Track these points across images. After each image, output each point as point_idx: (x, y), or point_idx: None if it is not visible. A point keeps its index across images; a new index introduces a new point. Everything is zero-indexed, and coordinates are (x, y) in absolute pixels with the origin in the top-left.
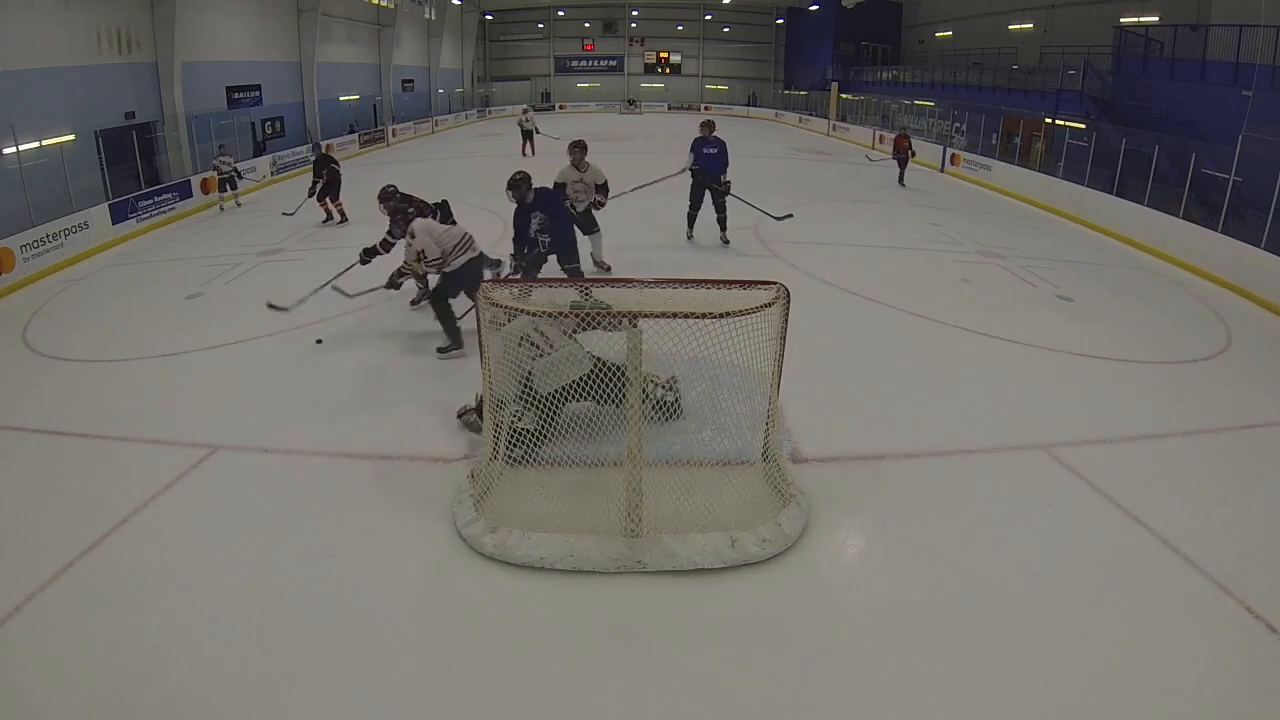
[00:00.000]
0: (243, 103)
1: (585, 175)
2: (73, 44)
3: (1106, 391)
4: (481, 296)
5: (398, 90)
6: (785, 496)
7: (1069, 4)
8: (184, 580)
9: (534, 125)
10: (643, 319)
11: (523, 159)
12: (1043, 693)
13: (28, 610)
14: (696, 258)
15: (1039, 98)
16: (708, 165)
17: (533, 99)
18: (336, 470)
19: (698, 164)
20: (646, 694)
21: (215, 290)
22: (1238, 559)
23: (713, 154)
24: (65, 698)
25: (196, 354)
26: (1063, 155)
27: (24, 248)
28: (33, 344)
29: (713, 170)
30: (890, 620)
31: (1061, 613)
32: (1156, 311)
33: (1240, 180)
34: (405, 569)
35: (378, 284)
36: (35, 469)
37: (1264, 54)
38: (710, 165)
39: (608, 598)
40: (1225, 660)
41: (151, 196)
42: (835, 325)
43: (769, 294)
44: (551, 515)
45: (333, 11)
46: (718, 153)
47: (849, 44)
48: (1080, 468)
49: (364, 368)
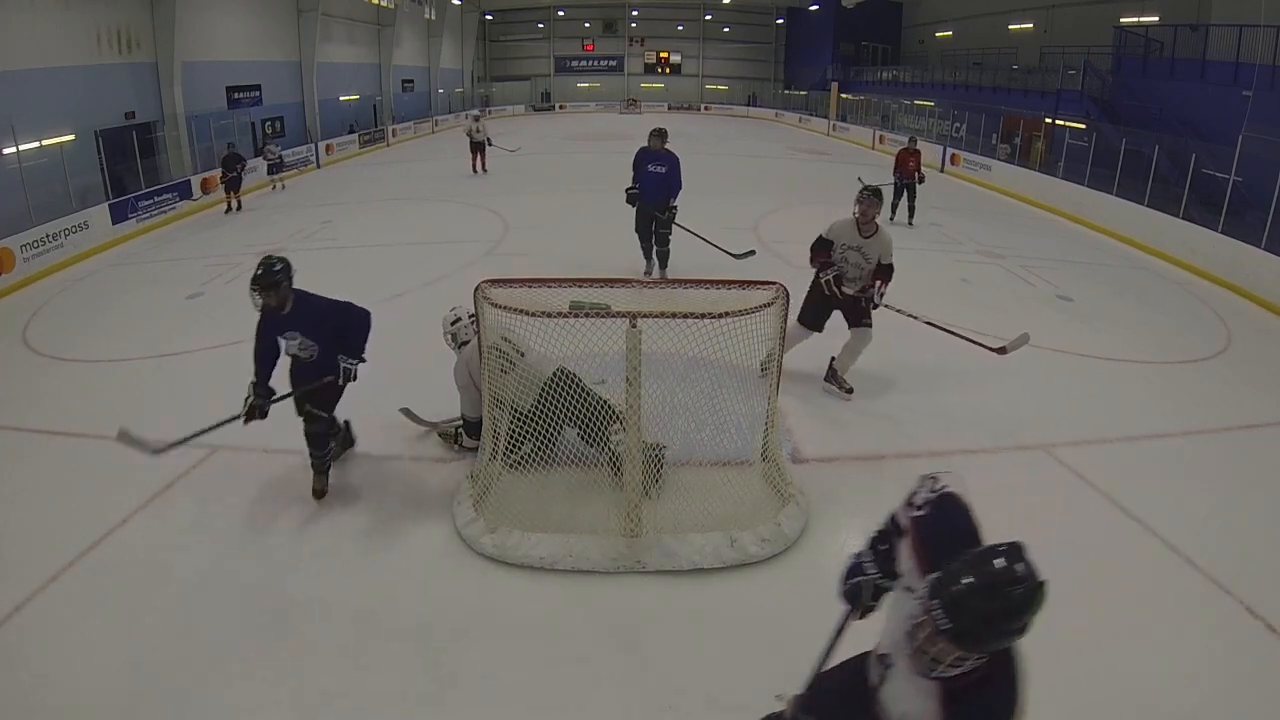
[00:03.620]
0: (243, 103)
1: (867, 244)
2: (73, 44)
3: (1106, 391)
4: (480, 296)
5: (398, 90)
6: (785, 496)
7: (1069, 4)
8: (184, 580)
9: (485, 136)
10: (642, 319)
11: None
12: (1043, 693)
13: (28, 610)
14: (696, 257)
15: (1039, 98)
16: (647, 189)
17: (533, 99)
18: (336, 470)
19: (637, 184)
20: (646, 694)
21: (215, 290)
22: (1238, 559)
23: (658, 174)
24: (65, 698)
25: (196, 354)
26: (1063, 155)
27: (24, 248)
28: (33, 344)
29: (654, 195)
30: None
31: (1061, 613)
32: (1156, 311)
33: (1240, 180)
34: (405, 569)
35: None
36: (35, 469)
37: (1264, 54)
38: (650, 189)
39: (607, 598)
40: (1225, 660)
41: (151, 196)
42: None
43: (768, 294)
44: (551, 515)
45: (333, 11)
46: (665, 173)
47: (849, 44)
48: (1080, 468)
49: (364, 367)
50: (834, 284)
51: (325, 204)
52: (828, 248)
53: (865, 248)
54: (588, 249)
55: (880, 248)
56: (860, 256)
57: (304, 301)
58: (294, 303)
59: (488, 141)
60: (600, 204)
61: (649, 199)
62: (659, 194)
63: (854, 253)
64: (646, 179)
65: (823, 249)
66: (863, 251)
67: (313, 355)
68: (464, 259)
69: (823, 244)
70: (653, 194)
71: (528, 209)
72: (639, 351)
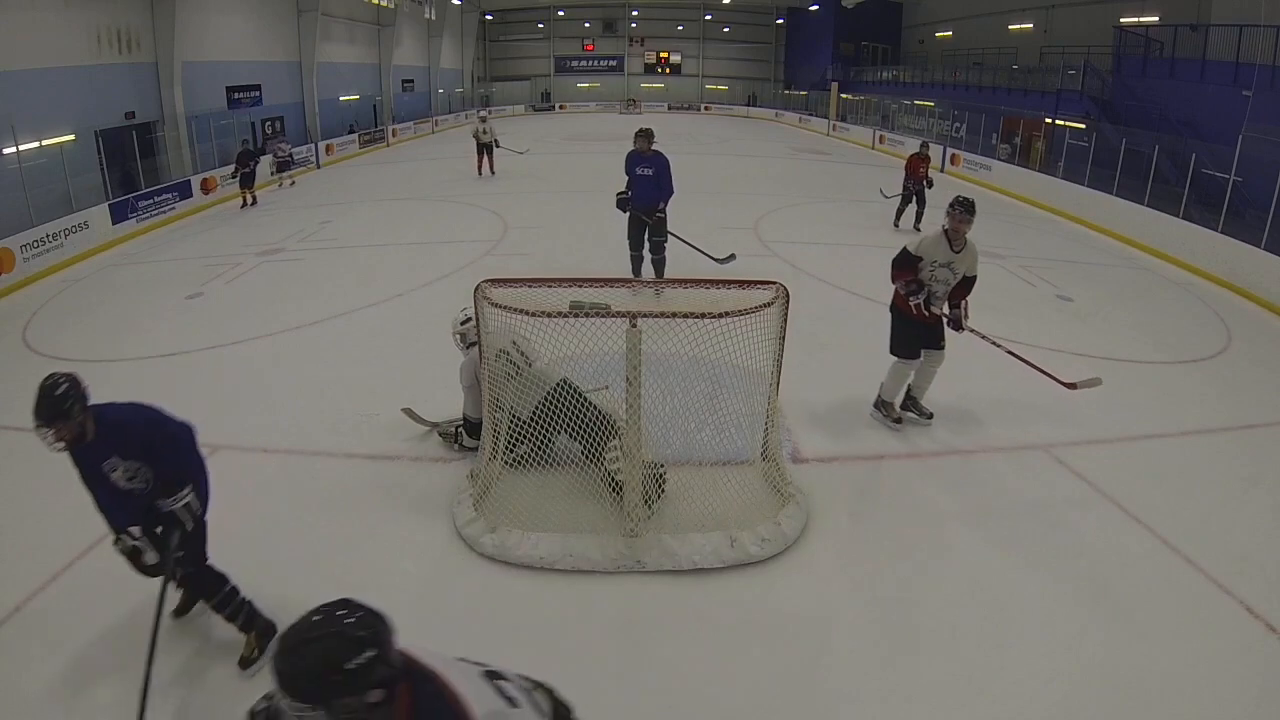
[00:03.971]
0: (243, 103)
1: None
2: (73, 44)
3: (1106, 391)
4: (480, 296)
5: (398, 90)
6: (784, 496)
7: (1069, 4)
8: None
9: (493, 137)
10: (642, 319)
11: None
12: (1043, 693)
13: (28, 610)
14: (696, 257)
15: (1039, 98)
16: (637, 193)
17: (533, 99)
18: (336, 470)
19: (629, 188)
20: (646, 693)
21: (215, 290)
22: (1238, 559)
23: (646, 176)
24: (65, 698)
25: (196, 354)
26: (1063, 155)
27: (24, 248)
28: (33, 344)
29: (643, 199)
30: (889, 620)
31: (1061, 613)
32: (1156, 311)
33: (1240, 180)
34: (405, 569)
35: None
36: (35, 469)
37: (1264, 54)
38: (641, 192)
39: (607, 597)
40: (1225, 660)
41: (151, 196)
42: (835, 325)
43: (768, 294)
44: (551, 515)
45: (333, 11)
46: (653, 174)
47: (849, 44)
48: (1080, 468)
49: (364, 367)
50: (925, 306)
51: (325, 204)
52: (914, 265)
53: (955, 263)
54: (588, 249)
55: (969, 261)
56: (949, 273)
57: (105, 419)
58: (95, 425)
59: (495, 143)
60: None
61: (639, 203)
62: (649, 198)
63: (944, 269)
64: (636, 183)
65: (908, 267)
66: (952, 267)
67: (149, 482)
68: (464, 259)
69: (908, 261)
70: (642, 198)
71: (528, 209)
72: (639, 351)
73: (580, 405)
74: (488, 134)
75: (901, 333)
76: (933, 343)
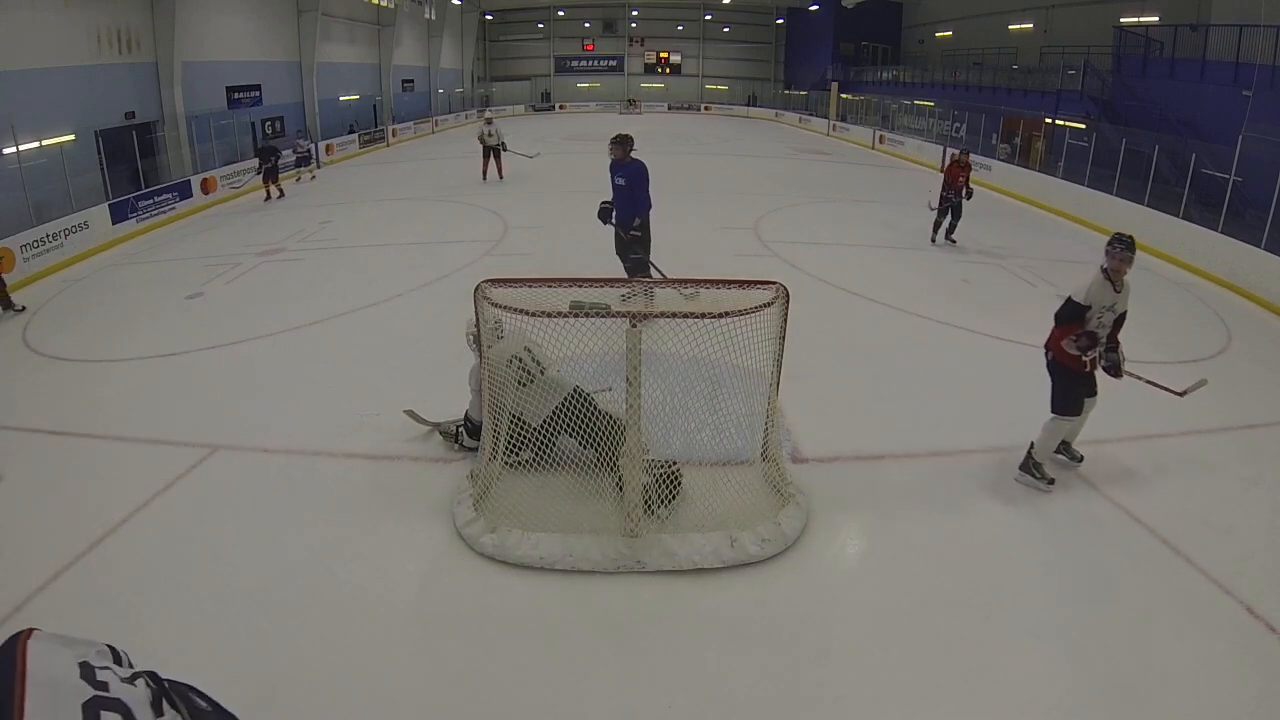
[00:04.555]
0: (243, 103)
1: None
2: (73, 44)
3: (1107, 392)
4: (481, 295)
5: (398, 90)
6: (784, 496)
7: (1069, 4)
8: (184, 580)
9: (500, 140)
10: (642, 319)
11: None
12: (1043, 693)
13: (28, 610)
14: (695, 258)
15: (1039, 98)
16: (615, 205)
17: (533, 99)
18: (336, 470)
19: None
20: (646, 693)
21: (215, 290)
22: (1238, 559)
23: (619, 187)
24: None
25: (196, 354)
26: (1063, 155)
27: (24, 248)
28: (33, 344)
29: (617, 214)
30: (889, 620)
31: (1061, 613)
32: (1156, 311)
33: (1240, 180)
34: (405, 569)
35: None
36: (35, 469)
37: (1264, 54)
38: (616, 205)
39: (607, 597)
40: (1225, 660)
41: (151, 196)
42: (835, 325)
43: (768, 294)
44: (551, 515)
45: (333, 11)
46: (625, 185)
47: (849, 44)
48: (1080, 468)
49: (364, 367)
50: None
51: (325, 204)
52: (1083, 315)
53: (1118, 304)
54: (588, 250)
55: (1126, 298)
56: (1112, 315)
57: None
58: None
59: (502, 146)
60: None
61: (617, 217)
62: (621, 213)
63: (1108, 313)
64: (614, 194)
65: (1077, 318)
66: (1114, 308)
67: None
68: (464, 259)
69: (1076, 311)
70: (617, 212)
71: (528, 209)
72: (639, 351)
73: (593, 415)
74: (493, 136)
75: (1071, 390)
76: (1092, 391)
